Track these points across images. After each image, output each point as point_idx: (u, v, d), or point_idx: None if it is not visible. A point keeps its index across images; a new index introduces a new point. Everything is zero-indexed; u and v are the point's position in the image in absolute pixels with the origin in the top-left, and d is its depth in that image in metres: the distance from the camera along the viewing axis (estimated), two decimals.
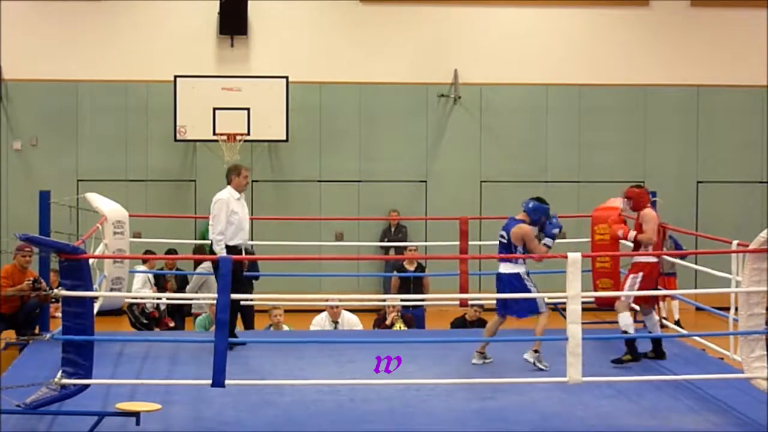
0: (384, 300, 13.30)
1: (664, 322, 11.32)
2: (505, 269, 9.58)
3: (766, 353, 7.94)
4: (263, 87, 17.21)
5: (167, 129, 17.26)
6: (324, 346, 10.34)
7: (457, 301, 12.54)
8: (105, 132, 17.88)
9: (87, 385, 7.46)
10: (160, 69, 17.55)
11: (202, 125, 16.99)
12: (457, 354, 10.01)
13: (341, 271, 15.37)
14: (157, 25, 17.96)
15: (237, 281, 9.17)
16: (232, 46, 18.00)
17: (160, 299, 13.55)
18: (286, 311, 12.48)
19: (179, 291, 14.20)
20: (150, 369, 9.55)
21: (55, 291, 7.48)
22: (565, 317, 7.96)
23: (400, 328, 12.54)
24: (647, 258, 9.68)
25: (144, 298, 13.37)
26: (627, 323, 9.57)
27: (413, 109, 18.27)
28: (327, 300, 12.18)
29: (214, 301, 8.14)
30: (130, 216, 11.16)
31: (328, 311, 12.33)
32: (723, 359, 9.85)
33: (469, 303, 12.42)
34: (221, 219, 10.29)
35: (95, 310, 8.83)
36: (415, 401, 8.47)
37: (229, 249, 10.21)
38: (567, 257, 7.87)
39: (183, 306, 13.90)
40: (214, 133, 17.02)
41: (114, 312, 12.51)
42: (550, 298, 9.99)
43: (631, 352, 9.63)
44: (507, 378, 9.02)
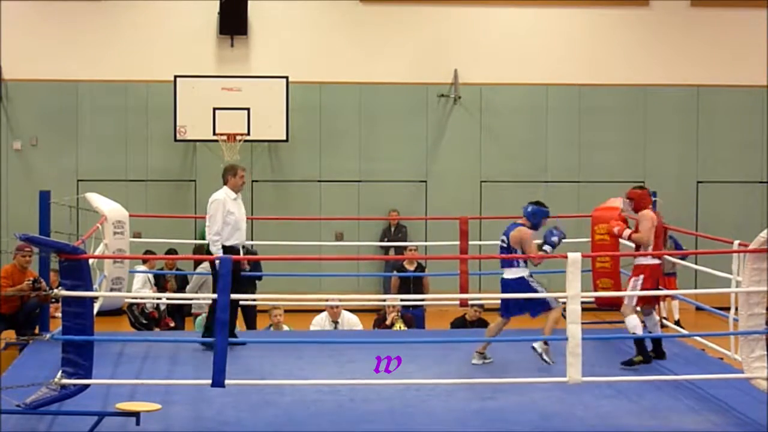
0: (384, 300, 13.29)
1: (664, 322, 11.31)
2: (509, 275, 9.55)
3: (766, 353, 7.95)
4: (263, 87, 17.20)
5: (167, 129, 17.26)
6: (324, 346, 10.34)
7: (457, 301, 12.54)
8: (105, 132, 17.88)
9: (87, 385, 7.46)
10: (160, 69, 17.55)
11: (202, 125, 16.99)
12: (457, 354, 10.01)
13: (341, 271, 15.36)
14: (157, 25, 17.96)
15: (235, 281, 9.17)
16: (232, 46, 18.00)
17: (160, 299, 13.55)
18: (286, 311, 12.48)
19: (179, 291, 14.20)
20: (150, 369, 9.55)
21: (55, 291, 7.48)
22: (565, 317, 7.96)
23: (400, 328, 12.54)
24: (648, 260, 9.67)
25: (144, 298, 13.37)
26: (634, 325, 9.53)
27: (413, 109, 18.26)
28: (327, 300, 12.18)
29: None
30: (130, 216, 11.15)
31: (328, 311, 12.34)
32: (723, 359, 9.85)
33: (469, 303, 12.43)
34: (217, 219, 10.28)
35: (95, 310, 8.84)
36: (415, 401, 8.47)
37: (226, 249, 10.20)
38: (567, 257, 7.87)
39: (183, 306, 13.90)
40: (214, 133, 17.02)
41: (114, 312, 12.51)
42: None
43: (642, 353, 9.59)
44: (507, 378, 9.02)
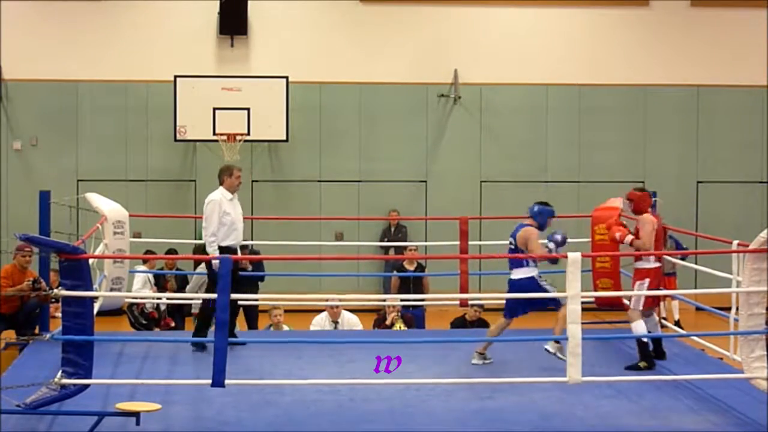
0: (384, 300, 13.29)
1: (663, 322, 11.31)
2: (519, 275, 9.51)
3: (766, 353, 7.95)
4: (263, 87, 17.20)
5: (167, 129, 17.26)
6: (324, 346, 10.34)
7: (457, 301, 12.55)
8: (105, 132, 17.87)
9: (87, 385, 7.46)
10: (160, 69, 17.54)
11: (202, 125, 16.99)
12: (457, 354, 10.01)
13: (341, 271, 15.35)
14: (157, 25, 17.96)
15: (233, 281, 9.17)
16: (232, 46, 18.00)
17: (160, 299, 13.56)
18: (286, 311, 12.49)
19: (179, 291, 14.20)
20: (150, 369, 9.55)
21: (55, 291, 7.48)
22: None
23: (400, 328, 12.53)
24: (651, 263, 9.64)
25: (143, 298, 13.37)
26: (641, 331, 9.50)
27: (413, 109, 18.26)
28: (327, 300, 12.18)
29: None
30: (130, 216, 11.16)
31: (328, 311, 12.34)
32: (723, 359, 9.85)
33: (469, 303, 12.43)
34: (213, 220, 10.28)
35: (95, 310, 8.84)
36: (415, 401, 8.47)
37: (223, 250, 10.18)
38: (567, 257, 7.88)
39: (183, 306, 13.90)
40: (214, 133, 17.02)
41: (114, 312, 12.51)
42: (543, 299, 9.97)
43: (646, 359, 9.56)
44: (507, 378, 9.02)
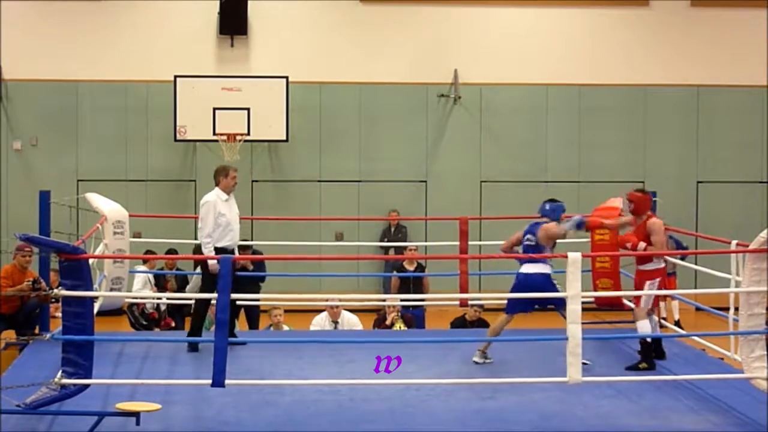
0: (384, 300, 13.29)
1: (663, 322, 11.31)
2: (532, 269, 9.47)
3: (766, 353, 7.95)
4: (263, 87, 17.20)
5: (167, 129, 17.26)
6: (324, 346, 10.34)
7: (457, 301, 12.55)
8: (105, 132, 17.87)
9: (87, 385, 7.46)
10: (160, 69, 17.54)
11: (202, 125, 16.99)
12: (457, 354, 10.01)
13: (341, 271, 15.35)
14: (157, 25, 17.95)
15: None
16: (232, 46, 18.00)
17: (160, 299, 13.56)
18: (286, 311, 12.49)
19: (179, 291, 14.20)
20: (150, 369, 9.55)
21: (55, 291, 7.48)
22: (565, 317, 7.96)
23: (400, 328, 12.54)
24: (660, 264, 9.63)
25: (143, 298, 13.37)
26: (646, 331, 9.44)
27: (413, 109, 18.26)
28: (327, 300, 12.19)
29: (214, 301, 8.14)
30: (130, 216, 11.16)
31: (328, 311, 12.34)
32: (723, 359, 9.85)
33: (469, 303, 12.43)
34: (208, 222, 10.27)
35: (95, 310, 8.84)
36: (415, 401, 8.47)
37: (219, 251, 10.17)
38: (567, 257, 7.87)
39: (183, 306, 13.90)
40: (214, 133, 17.02)
41: (114, 312, 12.51)
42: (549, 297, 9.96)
43: (646, 359, 9.54)
44: (507, 378, 9.02)
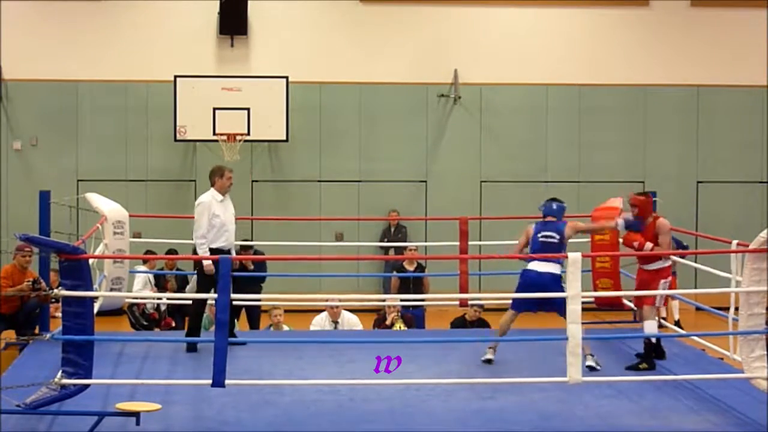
0: (384, 300, 13.29)
1: (663, 322, 11.31)
2: (548, 269, 9.40)
3: (766, 353, 7.95)
4: (263, 87, 17.19)
5: (167, 129, 17.26)
6: (324, 346, 10.34)
7: (457, 301, 12.55)
8: (105, 132, 17.87)
9: (87, 385, 7.46)
10: (160, 69, 17.54)
11: (202, 125, 16.99)
12: (457, 354, 10.01)
13: (341, 271, 15.35)
14: (157, 25, 17.95)
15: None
16: (232, 46, 18.00)
17: (160, 299, 13.55)
18: (286, 311, 12.49)
19: (179, 291, 14.20)
20: (150, 369, 9.55)
21: (55, 291, 7.48)
22: (565, 317, 7.96)
23: (400, 328, 12.53)
24: (668, 263, 9.63)
25: (143, 298, 13.36)
26: (652, 331, 9.42)
27: (413, 109, 18.26)
28: (327, 300, 12.19)
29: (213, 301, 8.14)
30: (130, 216, 11.16)
31: (328, 311, 12.34)
32: (723, 359, 9.85)
33: (469, 303, 12.44)
34: (202, 223, 10.27)
35: (95, 310, 8.84)
36: (415, 401, 8.47)
37: (214, 252, 10.16)
38: (567, 257, 7.87)
39: (183, 306, 13.89)
40: (214, 133, 17.02)
41: (114, 312, 12.51)
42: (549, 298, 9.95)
43: (647, 360, 9.55)
44: (507, 378, 9.02)
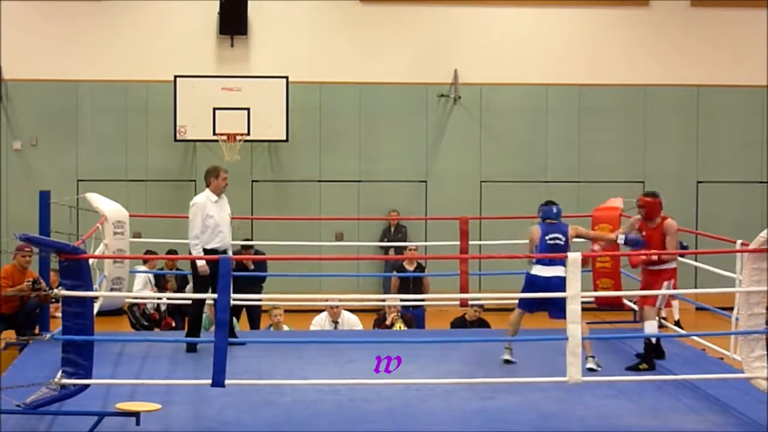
0: (384, 300, 13.29)
1: (663, 322, 11.31)
2: (554, 272, 9.31)
3: (766, 353, 7.95)
4: (263, 87, 17.19)
5: (167, 129, 17.25)
6: (324, 346, 10.34)
7: (457, 301, 12.55)
8: (105, 132, 17.86)
9: (87, 385, 7.46)
10: (160, 69, 17.54)
11: (202, 125, 16.98)
12: (457, 354, 10.02)
13: (341, 271, 15.35)
14: (157, 25, 17.95)
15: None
16: (232, 46, 17.99)
17: (160, 299, 13.55)
18: (286, 311, 12.49)
19: (179, 291, 14.20)
20: (150, 369, 9.55)
21: (55, 291, 7.48)
22: (563, 317, 7.96)
23: (400, 328, 12.53)
24: (674, 264, 9.60)
25: (143, 298, 13.36)
26: (652, 331, 9.40)
27: (413, 109, 18.25)
28: (327, 300, 12.19)
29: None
30: (130, 216, 11.16)
31: (328, 311, 12.34)
32: (723, 359, 9.85)
33: (469, 303, 12.43)
34: (196, 224, 10.28)
35: (95, 310, 8.84)
36: (415, 401, 8.47)
37: (208, 253, 10.15)
38: (567, 257, 7.87)
39: (183, 306, 13.89)
40: (214, 133, 17.01)
41: (114, 312, 12.51)
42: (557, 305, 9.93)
43: (647, 360, 9.54)
44: (507, 378, 9.02)
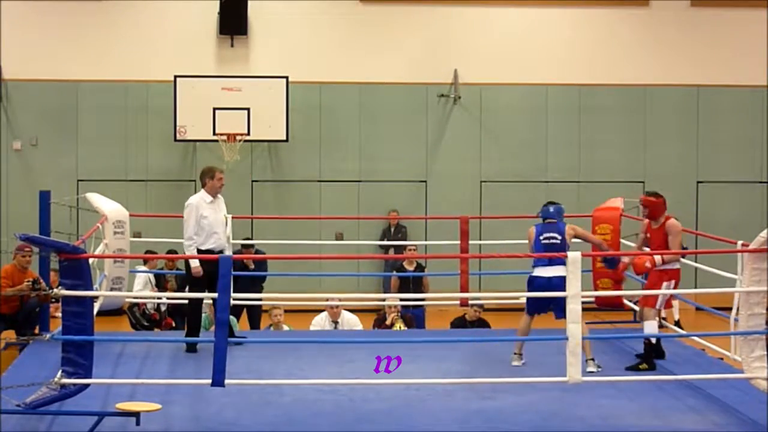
0: (384, 300, 13.29)
1: (663, 322, 11.31)
2: (554, 272, 9.30)
3: (766, 353, 7.95)
4: (263, 87, 17.19)
5: (167, 129, 17.25)
6: (324, 346, 10.34)
7: (457, 301, 12.55)
8: (105, 132, 17.86)
9: (87, 385, 7.46)
10: (160, 69, 17.54)
11: (202, 125, 16.98)
12: (457, 354, 10.01)
13: (341, 271, 15.36)
14: (157, 25, 17.95)
15: (214, 283, 9.23)
16: (232, 46, 17.99)
17: (160, 299, 13.54)
18: (286, 311, 12.49)
19: (179, 291, 14.18)
20: (150, 369, 9.55)
21: (55, 291, 7.48)
22: (565, 317, 7.96)
23: (400, 328, 12.53)
24: (677, 265, 9.58)
25: (143, 298, 13.35)
26: (652, 331, 9.39)
27: (413, 109, 18.25)
28: (327, 300, 12.18)
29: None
30: (130, 216, 11.16)
31: (328, 311, 12.34)
32: (723, 359, 9.85)
33: (469, 303, 12.43)
34: (190, 224, 10.31)
35: (95, 309, 8.84)
36: (415, 401, 8.47)
37: (203, 254, 10.14)
38: (567, 257, 7.87)
39: (183, 306, 13.87)
40: (214, 133, 17.01)
41: (114, 312, 12.51)
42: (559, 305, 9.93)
43: (648, 360, 9.54)
44: (507, 378, 9.02)
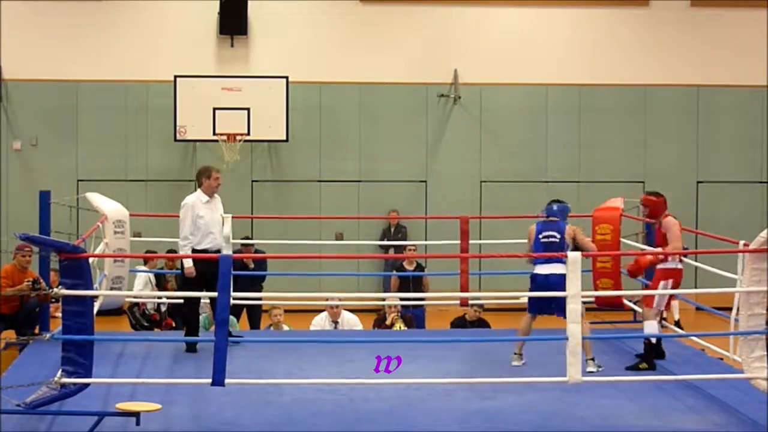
0: (384, 300, 13.29)
1: (663, 322, 11.30)
2: (552, 270, 9.35)
3: (766, 353, 7.95)
4: (263, 87, 17.19)
5: (167, 129, 17.25)
6: (324, 345, 10.34)
7: (457, 301, 12.55)
8: (105, 132, 17.87)
9: (87, 385, 7.46)
10: (160, 69, 17.54)
11: (202, 125, 16.98)
12: (457, 354, 10.01)
13: (341, 271, 15.36)
14: (157, 25, 17.95)
15: (208, 282, 9.24)
16: (232, 46, 17.99)
17: (160, 299, 13.54)
18: (286, 311, 12.49)
19: (179, 291, 14.17)
20: (150, 369, 9.55)
21: (55, 290, 7.48)
22: (565, 317, 7.96)
23: (400, 328, 12.53)
24: (675, 264, 9.56)
25: (143, 297, 13.35)
26: (652, 331, 9.39)
27: (413, 109, 18.25)
28: (327, 300, 12.18)
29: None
30: (130, 215, 11.16)
31: (328, 311, 12.34)
32: (723, 359, 9.85)
33: (469, 303, 12.43)
34: (186, 224, 10.31)
35: (95, 309, 8.84)
36: (415, 401, 8.47)
37: (198, 253, 10.14)
38: (567, 257, 7.87)
39: (181, 306, 13.86)
40: (214, 133, 17.01)
41: (114, 312, 12.51)
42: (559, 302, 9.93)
43: (648, 360, 9.54)
44: (507, 378, 9.02)
